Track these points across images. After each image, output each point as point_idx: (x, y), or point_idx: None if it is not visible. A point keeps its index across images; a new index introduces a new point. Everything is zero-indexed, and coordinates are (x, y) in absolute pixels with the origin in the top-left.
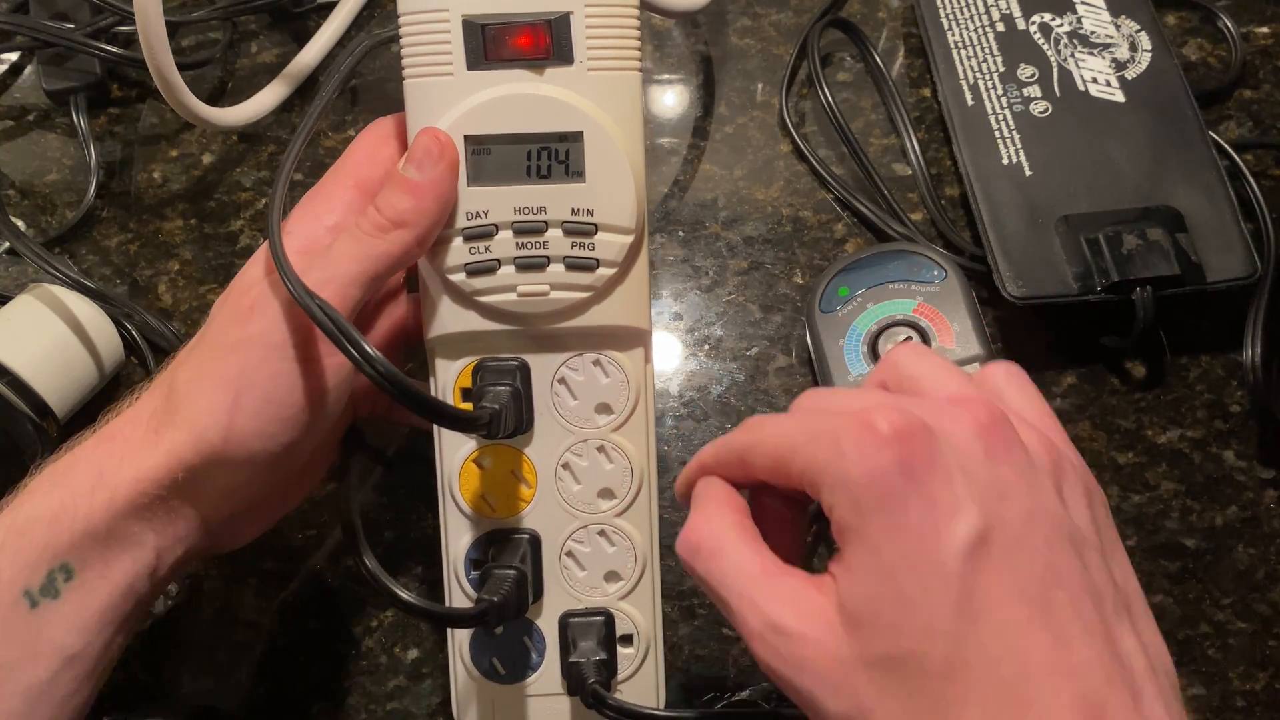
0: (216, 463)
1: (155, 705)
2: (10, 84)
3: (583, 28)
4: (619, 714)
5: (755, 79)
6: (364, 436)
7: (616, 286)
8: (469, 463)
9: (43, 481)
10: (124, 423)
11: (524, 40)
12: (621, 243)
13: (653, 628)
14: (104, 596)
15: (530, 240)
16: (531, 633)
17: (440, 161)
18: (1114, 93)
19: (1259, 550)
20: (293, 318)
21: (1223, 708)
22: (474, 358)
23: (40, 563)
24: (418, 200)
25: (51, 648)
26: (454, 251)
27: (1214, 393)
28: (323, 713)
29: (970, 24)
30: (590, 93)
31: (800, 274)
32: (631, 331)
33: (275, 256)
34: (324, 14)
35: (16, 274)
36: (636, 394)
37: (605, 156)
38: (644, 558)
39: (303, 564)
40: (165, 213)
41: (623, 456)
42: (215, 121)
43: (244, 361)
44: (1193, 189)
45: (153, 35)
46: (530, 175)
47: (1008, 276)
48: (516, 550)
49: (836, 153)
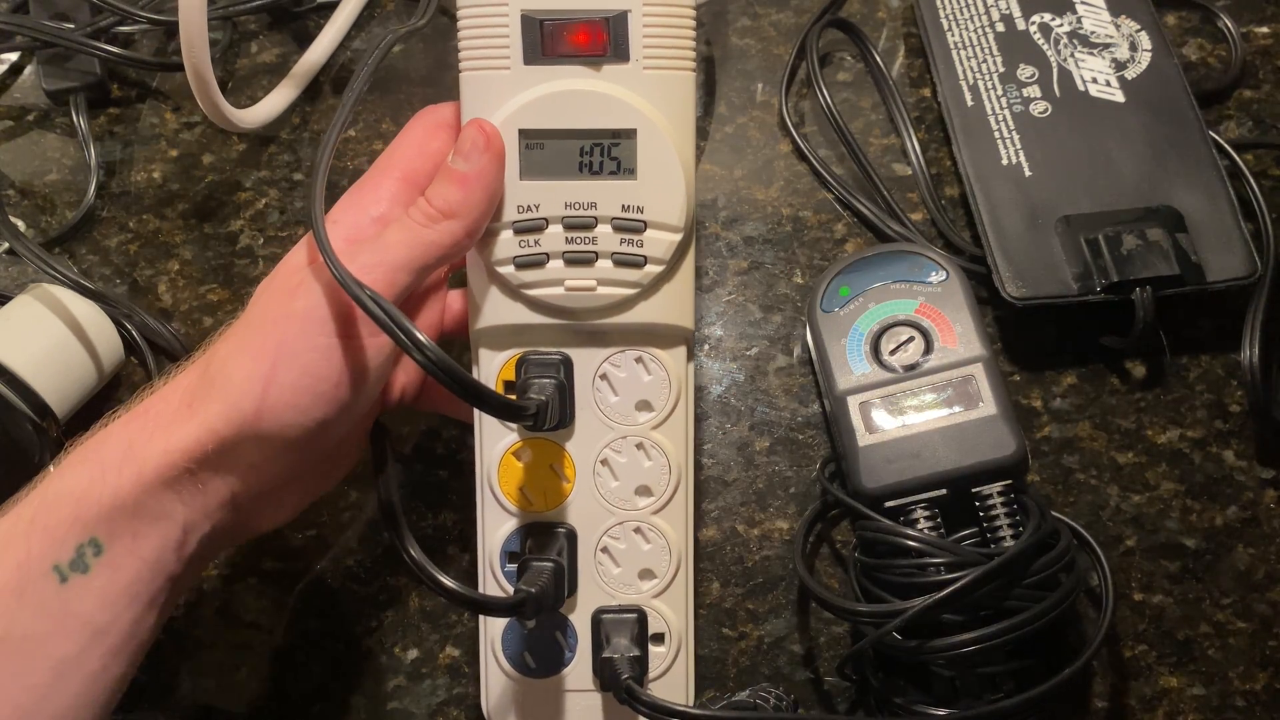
0: (248, 434)
1: (155, 705)
2: (10, 84)
3: (640, 26)
4: (652, 710)
5: (755, 79)
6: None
7: (663, 284)
8: (508, 455)
9: (74, 457)
10: (157, 399)
11: (581, 37)
12: (670, 241)
13: (685, 627)
14: (132, 571)
15: (580, 235)
16: (565, 628)
17: (485, 152)
18: (1114, 93)
19: (1259, 550)
20: (337, 297)
21: (1223, 708)
22: (518, 350)
23: (69, 537)
24: (465, 191)
25: (80, 622)
26: (504, 244)
27: (1214, 393)
28: (323, 713)
29: (970, 24)
30: (645, 91)
31: (800, 274)
32: (675, 330)
33: (319, 243)
34: (324, 14)
35: (16, 274)
36: (678, 392)
37: (657, 155)
38: (679, 556)
39: (303, 564)
40: (165, 213)
41: (661, 454)
42: (238, 123)
43: (284, 334)
44: (1193, 189)
45: (194, 35)
46: (582, 171)
47: (1008, 277)
48: (553, 544)
49: (836, 153)
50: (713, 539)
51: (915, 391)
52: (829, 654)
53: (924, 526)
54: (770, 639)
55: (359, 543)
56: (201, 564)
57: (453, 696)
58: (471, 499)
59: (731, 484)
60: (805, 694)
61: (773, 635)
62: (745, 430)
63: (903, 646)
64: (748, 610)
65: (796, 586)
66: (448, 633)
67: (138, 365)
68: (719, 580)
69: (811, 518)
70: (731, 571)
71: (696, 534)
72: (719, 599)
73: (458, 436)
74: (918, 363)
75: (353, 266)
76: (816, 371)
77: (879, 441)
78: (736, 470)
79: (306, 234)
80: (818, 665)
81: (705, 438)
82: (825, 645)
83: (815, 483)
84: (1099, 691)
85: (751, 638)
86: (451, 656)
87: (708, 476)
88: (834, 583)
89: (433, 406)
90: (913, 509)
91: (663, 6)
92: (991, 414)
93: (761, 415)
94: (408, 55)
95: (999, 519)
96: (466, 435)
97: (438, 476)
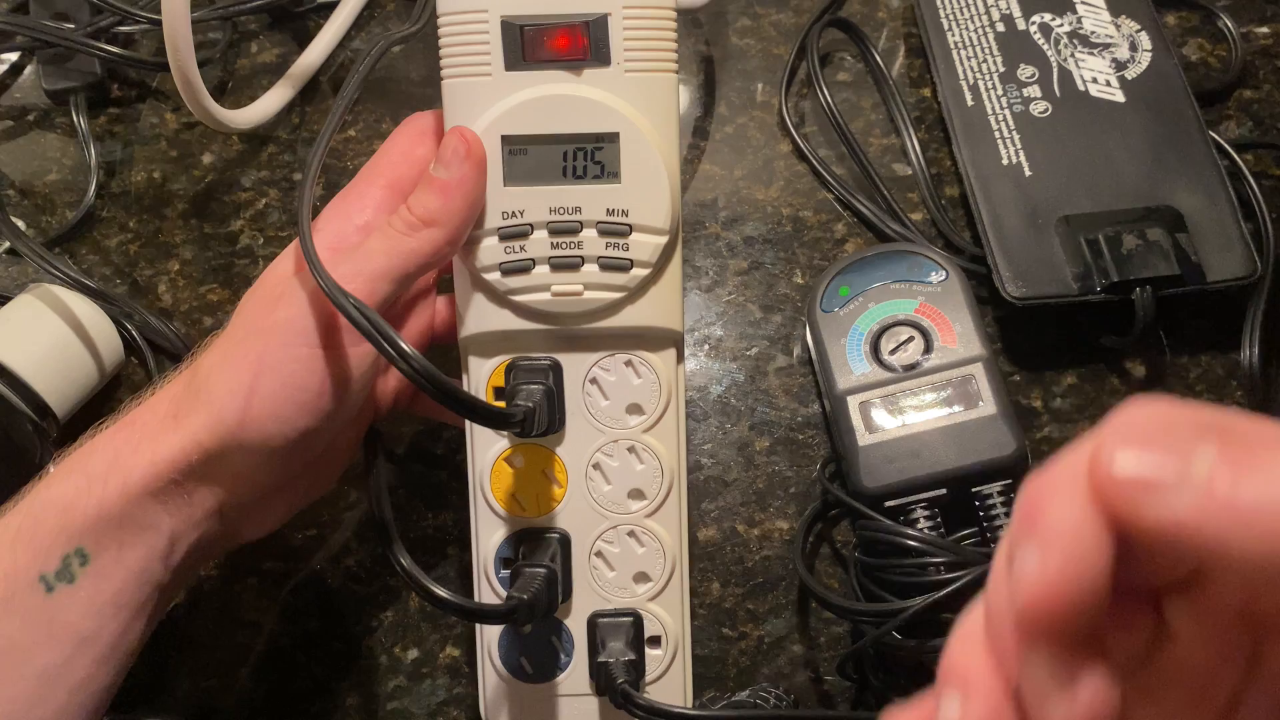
0: (232, 445)
1: (155, 705)
2: (10, 84)
3: (620, 29)
4: (648, 713)
5: (755, 79)
6: (382, 438)
7: (650, 287)
8: (500, 461)
9: (61, 468)
10: (144, 410)
11: (562, 41)
12: (655, 244)
13: (681, 630)
14: (118, 581)
15: (565, 240)
16: (560, 633)
17: (466, 160)
18: (1114, 93)
19: None
20: (319, 307)
21: None
22: (507, 357)
23: (55, 548)
24: (445, 199)
25: (67, 631)
26: (489, 250)
27: (1214, 393)
28: (323, 713)
29: (970, 24)
30: (627, 94)
31: (800, 274)
32: (664, 333)
33: (306, 252)
34: (324, 14)
35: (16, 274)
36: (668, 395)
37: (640, 157)
38: (673, 559)
39: (303, 564)
40: (165, 213)
41: (653, 457)
42: (228, 123)
43: (265, 345)
44: (1193, 189)
45: (178, 36)
46: (566, 175)
47: (1008, 277)
48: (546, 549)
49: (836, 153)
50: (712, 539)
51: (915, 391)
52: (829, 654)
53: (924, 526)
54: (770, 639)
55: (359, 543)
56: (189, 572)
57: (452, 697)
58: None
59: (731, 484)
60: (805, 694)
61: (773, 635)
62: (745, 430)
63: (903, 646)
64: (748, 610)
65: (796, 586)
66: (448, 633)
67: (138, 365)
68: (719, 580)
69: (811, 518)
70: (731, 571)
71: (696, 534)
72: (719, 599)
73: (457, 436)
74: (917, 362)
75: (334, 275)
76: (816, 371)
77: (879, 441)
78: (736, 470)
79: (292, 242)
80: (818, 665)
81: (705, 438)
82: (825, 645)
83: (815, 483)
84: None
85: (751, 638)
86: (451, 657)
87: (708, 476)
88: (834, 583)
89: (427, 413)
90: (913, 509)
91: (642, 9)
92: (991, 414)
93: (761, 415)
94: (408, 56)
95: (999, 519)
96: (465, 436)
97: (437, 476)
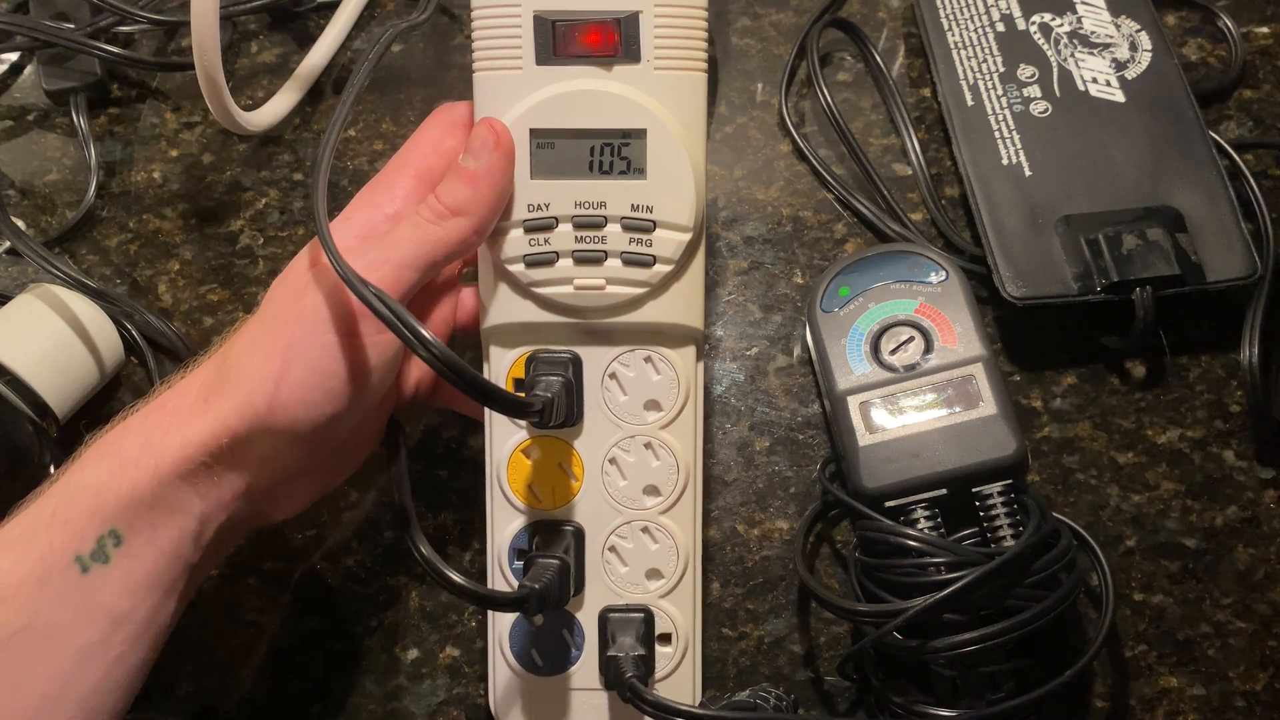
0: (261, 429)
1: (155, 705)
2: (10, 84)
3: (651, 27)
4: (656, 709)
5: (755, 79)
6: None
7: (672, 284)
8: (517, 453)
9: (93, 451)
10: (175, 393)
11: (593, 37)
12: (679, 240)
13: (692, 628)
14: (151, 561)
15: (589, 234)
16: (571, 626)
17: (495, 150)
18: (1114, 93)
19: (1259, 550)
20: (344, 295)
21: (1223, 708)
22: (528, 348)
23: (90, 529)
24: (474, 189)
25: (101, 611)
26: (514, 242)
27: (1214, 393)
28: (323, 713)
29: (970, 24)
30: (656, 91)
31: (800, 274)
32: (684, 330)
33: (323, 241)
34: (323, 14)
35: (16, 274)
36: (686, 392)
37: (667, 155)
38: (686, 557)
39: (303, 564)
40: (165, 213)
41: (670, 454)
42: (245, 125)
43: (294, 332)
44: (1193, 189)
45: (206, 38)
46: (592, 170)
47: (1008, 277)
48: (560, 542)
49: (836, 153)
50: (713, 539)
51: (915, 391)
52: (829, 654)
53: (924, 526)
54: (770, 639)
55: (359, 543)
56: (220, 551)
57: (453, 696)
58: (471, 498)
59: (731, 484)
60: (805, 694)
61: (773, 635)
62: (745, 430)
63: (903, 646)
64: (748, 610)
65: (796, 586)
66: (448, 633)
67: (138, 365)
68: (719, 580)
69: (811, 518)
70: (731, 571)
71: None
72: (719, 599)
73: (458, 436)
74: (918, 362)
75: (362, 263)
76: (816, 371)
77: (879, 441)
78: (736, 470)
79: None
80: (818, 665)
81: (705, 438)
82: (825, 645)
83: (815, 483)
84: (1099, 692)
85: (751, 638)
86: (451, 656)
87: (708, 476)
88: (834, 583)
89: (446, 403)
90: (913, 509)
91: (674, 7)
92: (991, 414)
93: (761, 415)
94: (408, 55)
95: (999, 519)
96: (467, 435)
97: (438, 476)
